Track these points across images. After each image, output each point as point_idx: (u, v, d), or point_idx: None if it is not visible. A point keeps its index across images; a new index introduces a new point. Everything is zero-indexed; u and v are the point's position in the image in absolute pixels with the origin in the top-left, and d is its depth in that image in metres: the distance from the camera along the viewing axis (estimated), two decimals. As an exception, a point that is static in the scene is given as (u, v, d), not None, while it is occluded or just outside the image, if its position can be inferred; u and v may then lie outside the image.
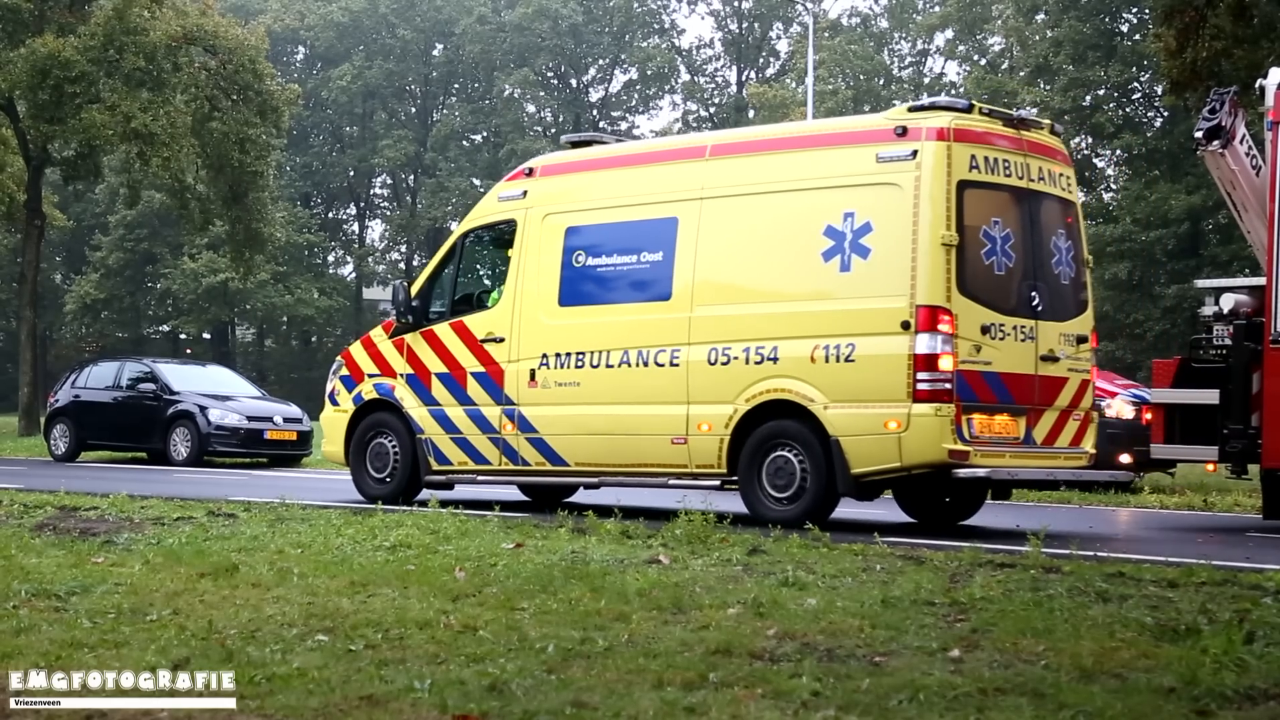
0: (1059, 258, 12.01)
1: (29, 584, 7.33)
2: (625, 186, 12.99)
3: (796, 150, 12.19)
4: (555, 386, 12.81)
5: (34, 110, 33.78)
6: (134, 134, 32.93)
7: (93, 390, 25.68)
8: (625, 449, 12.52)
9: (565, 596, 7.13)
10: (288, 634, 6.17)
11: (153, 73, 33.49)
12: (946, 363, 10.94)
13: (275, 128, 37.86)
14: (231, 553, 8.70)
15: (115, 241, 64.82)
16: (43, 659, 5.58)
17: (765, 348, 11.66)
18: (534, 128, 72.69)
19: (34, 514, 11.30)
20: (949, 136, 11.20)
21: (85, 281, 65.32)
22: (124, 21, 32.75)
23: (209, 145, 35.48)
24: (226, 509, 11.92)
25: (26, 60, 31.96)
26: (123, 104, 32.54)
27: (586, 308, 12.87)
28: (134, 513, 11.48)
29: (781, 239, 11.89)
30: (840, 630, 6.34)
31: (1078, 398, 12.05)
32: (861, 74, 58.68)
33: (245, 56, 35.47)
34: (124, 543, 9.30)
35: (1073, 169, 12.65)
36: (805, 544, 9.34)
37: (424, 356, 13.75)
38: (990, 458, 11.23)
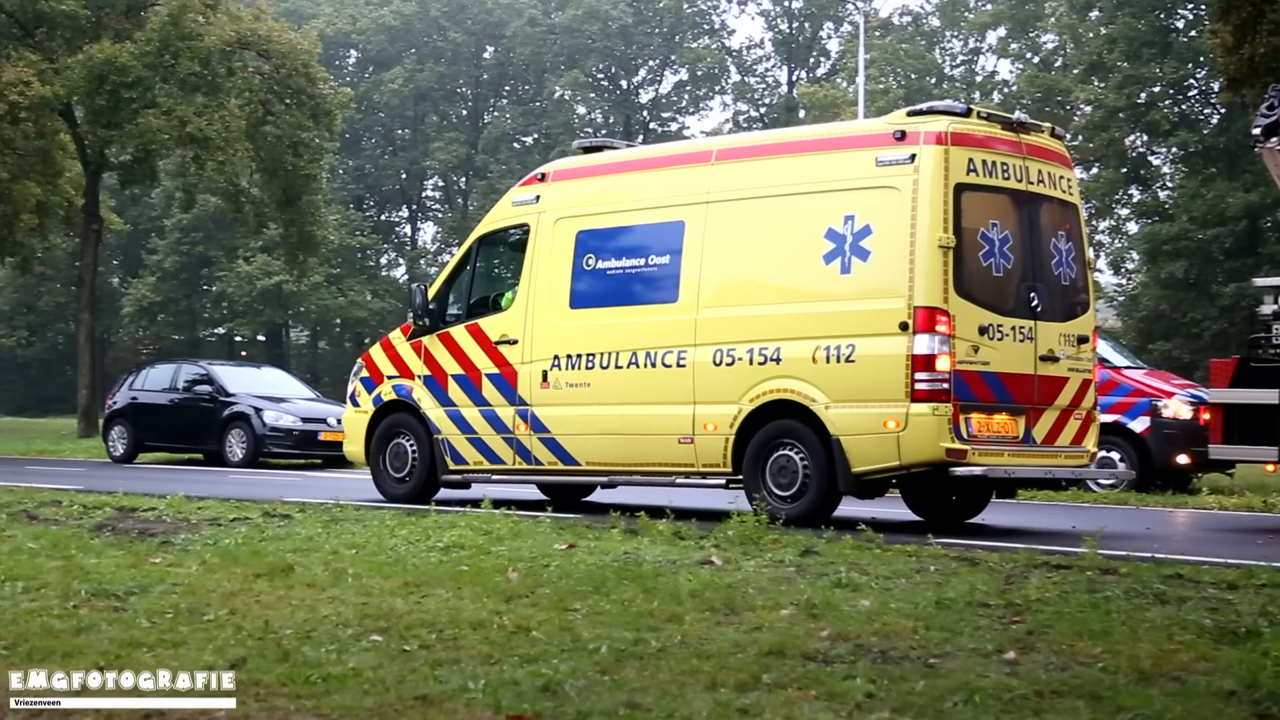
0: (1059, 259, 12.12)
1: (89, 584, 7.40)
2: (634, 191, 13.25)
3: (799, 155, 12.38)
4: (566, 387, 13.04)
5: (91, 115, 34.19)
6: (189, 138, 33.25)
7: (150, 392, 25.93)
8: (634, 448, 12.72)
9: (618, 597, 7.13)
10: (343, 634, 6.20)
11: (207, 77, 33.80)
12: (944, 363, 11.08)
13: (328, 131, 38.12)
14: (287, 553, 8.75)
15: (171, 245, 65.42)
16: (102, 658, 5.64)
17: (769, 349, 11.86)
18: (584, 129, 72.77)
19: (93, 515, 11.42)
20: (947, 140, 11.34)
21: (142, 284, 65.94)
22: (179, 27, 33.07)
23: (263, 149, 35.75)
24: (281, 510, 11.99)
25: (84, 66, 32.34)
26: (178, 109, 32.85)
27: (597, 310, 13.07)
28: (191, 514, 11.58)
29: (785, 242, 12.08)
30: (894, 632, 6.31)
31: (1079, 397, 12.14)
32: (913, 73, 58.39)
33: (298, 61, 35.73)
34: (181, 543, 9.38)
35: (1074, 172, 12.71)
36: (858, 545, 9.31)
37: (441, 358, 14.00)
38: (988, 456, 11.37)
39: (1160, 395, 17.89)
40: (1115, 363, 18.61)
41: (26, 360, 71.83)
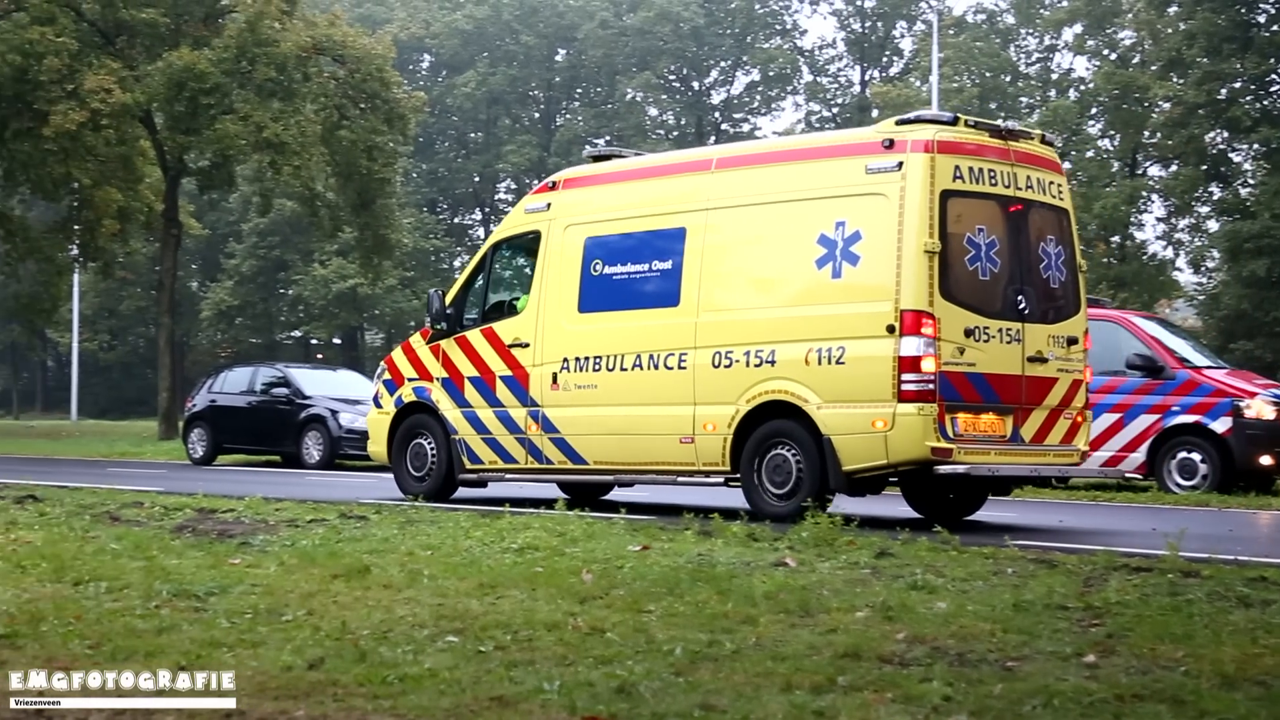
0: (1048, 263, 12.36)
1: (170, 584, 7.49)
2: (639, 198, 13.62)
3: (794, 163, 12.74)
4: (575, 389, 13.44)
5: (170, 122, 34.67)
6: (266, 143, 33.61)
7: (228, 395, 26.25)
8: (638, 448, 13.08)
9: (692, 599, 7.13)
10: (419, 635, 6.24)
11: (283, 83, 34.15)
12: (929, 364, 11.35)
13: (402, 135, 38.40)
14: (363, 554, 8.82)
15: (248, 249, 66.20)
16: (184, 658, 5.71)
17: (764, 351, 12.19)
18: (656, 131, 72.84)
19: (174, 516, 11.56)
20: (933, 148, 11.61)
21: (220, 288, 66.79)
22: (255, 34, 33.46)
23: (338, 153, 36.08)
24: (358, 511, 12.08)
25: (163, 73, 32.80)
26: (255, 114, 33.23)
27: (603, 314, 13.43)
28: (269, 515, 11.69)
29: (780, 247, 12.43)
30: (971, 634, 6.26)
31: (1069, 397, 12.35)
32: (987, 71, 57.86)
33: (372, 65, 36.03)
34: (260, 544, 9.48)
35: (1064, 177, 12.94)
36: (934, 547, 9.24)
37: (457, 361, 14.45)
38: (973, 455, 11.61)
39: (1242, 395, 17.61)
40: (1196, 363, 18.36)
41: (108, 363, 72.99)
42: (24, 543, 9.39)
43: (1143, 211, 52.57)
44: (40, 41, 32.37)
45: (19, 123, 34.41)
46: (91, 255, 40.11)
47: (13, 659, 5.74)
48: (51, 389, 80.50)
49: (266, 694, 5.21)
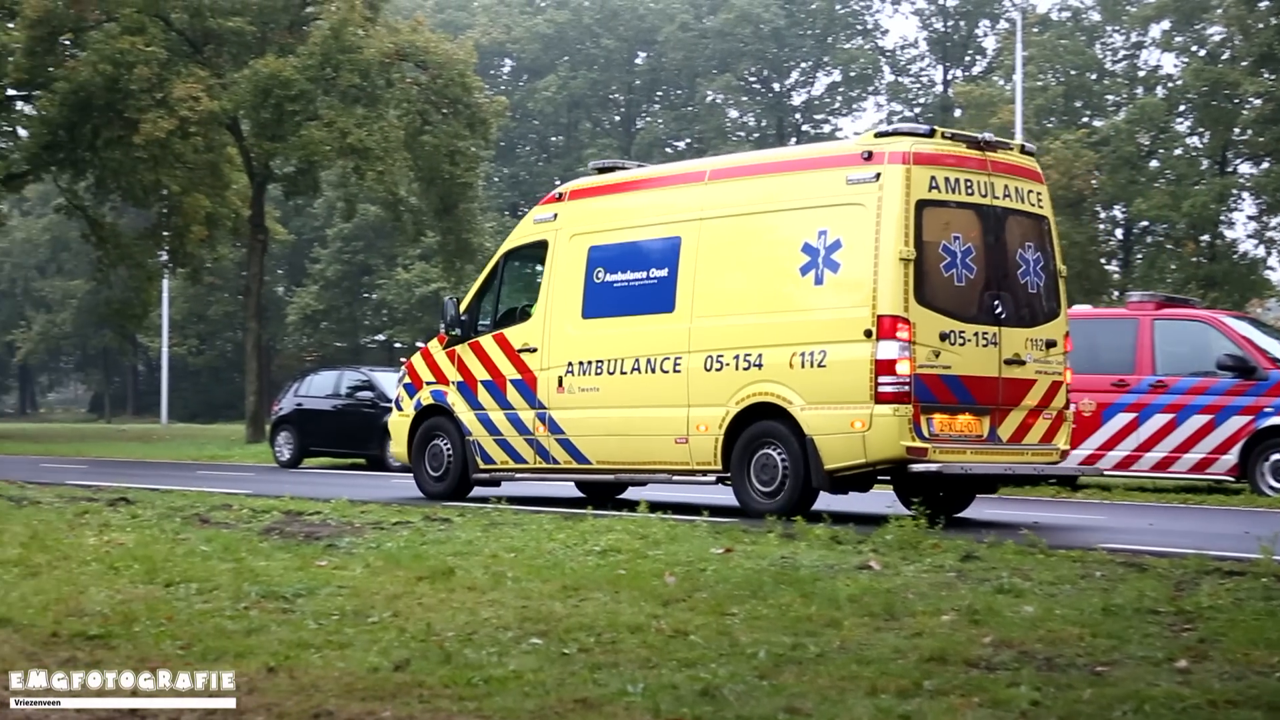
0: (1026, 269, 12.76)
1: (258, 585, 7.58)
2: (638, 208, 14.19)
3: (781, 174, 13.31)
4: (579, 391, 13.99)
5: (257, 129, 35.11)
6: (350, 149, 33.94)
7: (314, 399, 26.51)
8: (637, 448, 13.61)
9: (776, 602, 7.10)
10: (503, 637, 6.27)
11: (367, 89, 34.46)
12: (904, 367, 11.78)
13: (484, 139, 38.64)
14: (447, 557, 8.87)
15: (333, 254, 66.89)
16: (272, 658, 5.78)
17: (752, 354, 12.69)
18: (736, 133, 72.73)
19: (262, 518, 11.69)
20: (909, 160, 12.04)
21: (305, 293, 67.52)
22: (340, 40, 33.79)
23: (420, 158, 36.36)
24: (442, 514, 12.16)
25: (250, 81, 33.23)
26: (339, 120, 33.56)
27: (605, 319, 13.98)
28: (354, 517, 11.80)
29: (767, 255, 12.95)
30: (1059, 639, 6.19)
31: (1048, 398, 12.75)
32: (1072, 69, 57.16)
33: (455, 71, 36.28)
34: (346, 546, 9.56)
35: (1045, 186, 13.34)
36: (1020, 550, 9.14)
37: (472, 366, 15.05)
38: (948, 454, 12.03)
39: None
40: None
41: (197, 368, 74.05)
42: (117, 544, 9.55)
43: (1233, 210, 51.70)
44: (131, 51, 32.90)
45: (110, 131, 35.00)
46: (180, 261, 40.72)
47: (107, 659, 5.83)
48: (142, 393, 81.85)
49: (354, 695, 5.26)
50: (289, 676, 5.52)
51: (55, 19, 34.17)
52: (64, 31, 35.14)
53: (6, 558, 8.83)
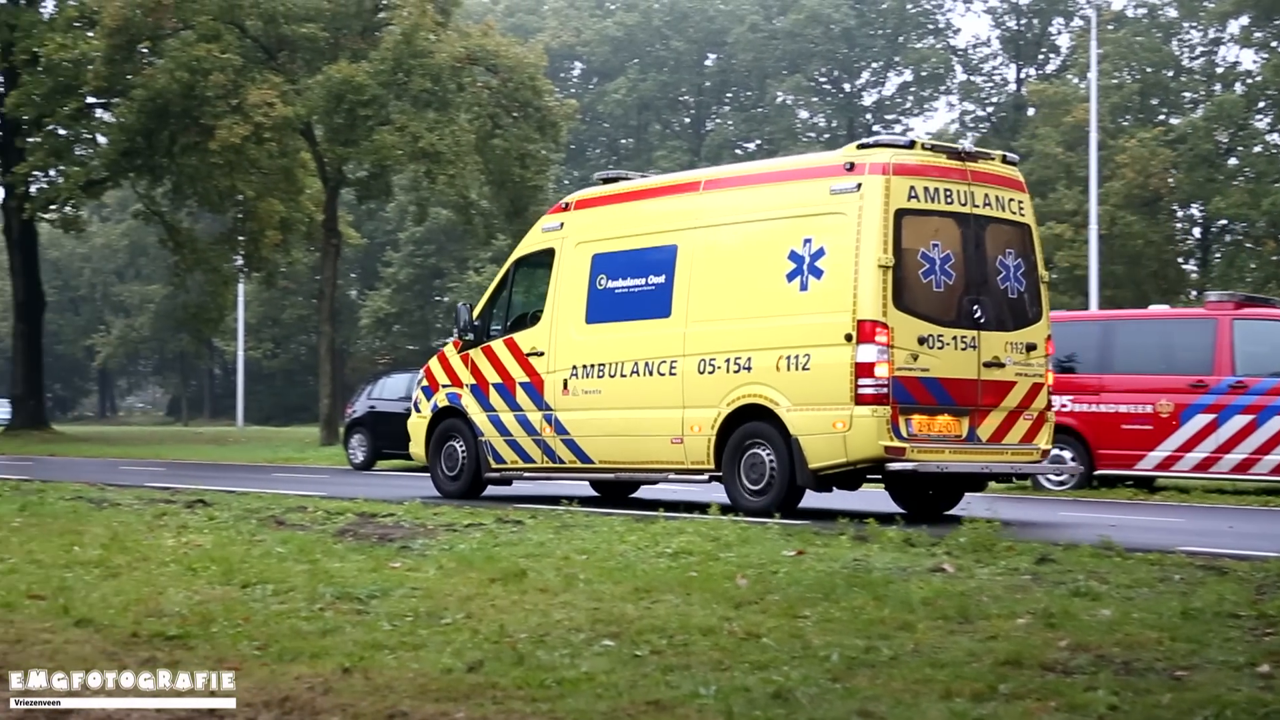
0: (1006, 274, 13.14)
1: (333, 587, 7.64)
2: (638, 217, 14.66)
3: (770, 184, 13.80)
4: (583, 394, 14.52)
5: (330, 134, 35.43)
6: (422, 153, 34.15)
7: (387, 401, 26.66)
8: (636, 448, 14.14)
9: (848, 604, 7.07)
10: (575, 639, 6.28)
11: (438, 93, 34.68)
12: (882, 370, 12.24)
13: (554, 142, 38.76)
14: (519, 558, 8.89)
15: (405, 257, 67.40)
16: (347, 659, 5.82)
17: (742, 358, 13.18)
18: (806, 134, 72.50)
19: (336, 520, 11.79)
20: (889, 171, 12.50)
21: (378, 296, 68.08)
22: (411, 45, 34.02)
23: (491, 161, 36.52)
24: (513, 516, 12.20)
25: (323, 87, 33.54)
26: (411, 124, 33.79)
27: (607, 325, 14.51)
28: (427, 519, 11.87)
29: (756, 262, 13.38)
30: (1137, 642, 6.11)
31: (1028, 399, 13.11)
32: (1148, 66, 56.52)
33: (525, 74, 36.42)
34: (419, 548, 9.62)
35: (1027, 194, 13.74)
36: (1096, 553, 9.04)
37: (484, 369, 15.61)
38: (927, 454, 12.46)
39: None
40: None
41: (272, 371, 74.88)
42: (195, 546, 9.66)
43: (1314, 207, 50.86)
44: (206, 58, 33.31)
45: (187, 137, 35.47)
46: (255, 265, 41.17)
47: (185, 659, 5.90)
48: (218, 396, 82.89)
49: (427, 696, 5.28)
50: (364, 677, 5.56)
51: (133, 28, 34.64)
52: (142, 40, 35.64)
53: (88, 559, 8.96)
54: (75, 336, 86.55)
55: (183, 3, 34.00)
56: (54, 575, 8.24)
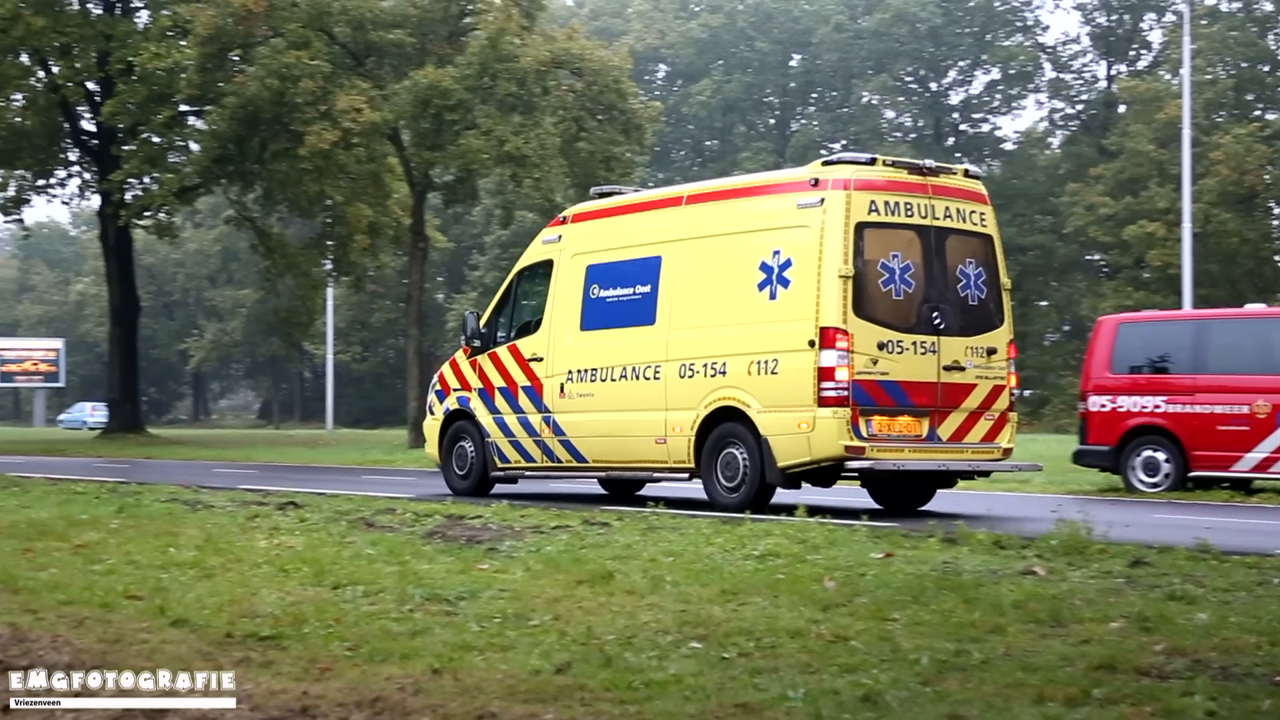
0: (967, 283, 13.83)
1: (422, 588, 7.71)
2: (627, 230, 15.52)
3: (744, 198, 14.54)
4: (577, 397, 15.37)
5: (417, 139, 35.72)
6: (507, 157, 34.32)
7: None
8: (624, 448, 14.96)
9: (937, 607, 7.01)
10: (663, 641, 6.28)
11: (523, 97, 34.82)
12: (843, 374, 13.00)
13: (639, 145, 38.78)
14: (606, 560, 8.91)
15: (491, 260, 67.81)
16: (436, 660, 5.86)
17: (718, 363, 13.99)
18: (892, 134, 72.03)
19: (424, 522, 11.88)
20: (850, 186, 13.26)
21: (465, 299, 68.53)
22: (497, 50, 34.21)
23: (576, 165, 36.62)
24: (600, 518, 12.23)
25: (410, 92, 33.82)
26: (496, 129, 33.96)
27: (599, 331, 15.33)
28: (514, 521, 11.93)
29: (731, 272, 14.11)
30: (1235, 647, 6.00)
31: (989, 400, 13.79)
32: (1243, 61, 55.54)
33: (610, 77, 36.48)
34: (506, 550, 9.67)
35: (989, 206, 14.31)
36: (1192, 555, 8.90)
37: (490, 374, 16.49)
38: (886, 453, 13.21)
39: None
40: None
41: (361, 374, 75.67)
42: (286, 547, 9.78)
43: None
44: (296, 65, 33.71)
45: (277, 144, 35.92)
46: (344, 270, 41.61)
47: (278, 659, 5.98)
48: (308, 399, 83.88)
49: (516, 697, 5.31)
50: (453, 678, 5.60)
51: (225, 36, 35.15)
52: (233, 48, 36.14)
53: (183, 560, 9.11)
54: (169, 341, 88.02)
55: (273, 11, 34.45)
56: (150, 576, 8.39)
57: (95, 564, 9.04)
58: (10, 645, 6.16)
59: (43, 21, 38.39)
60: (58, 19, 39.61)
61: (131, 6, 43.39)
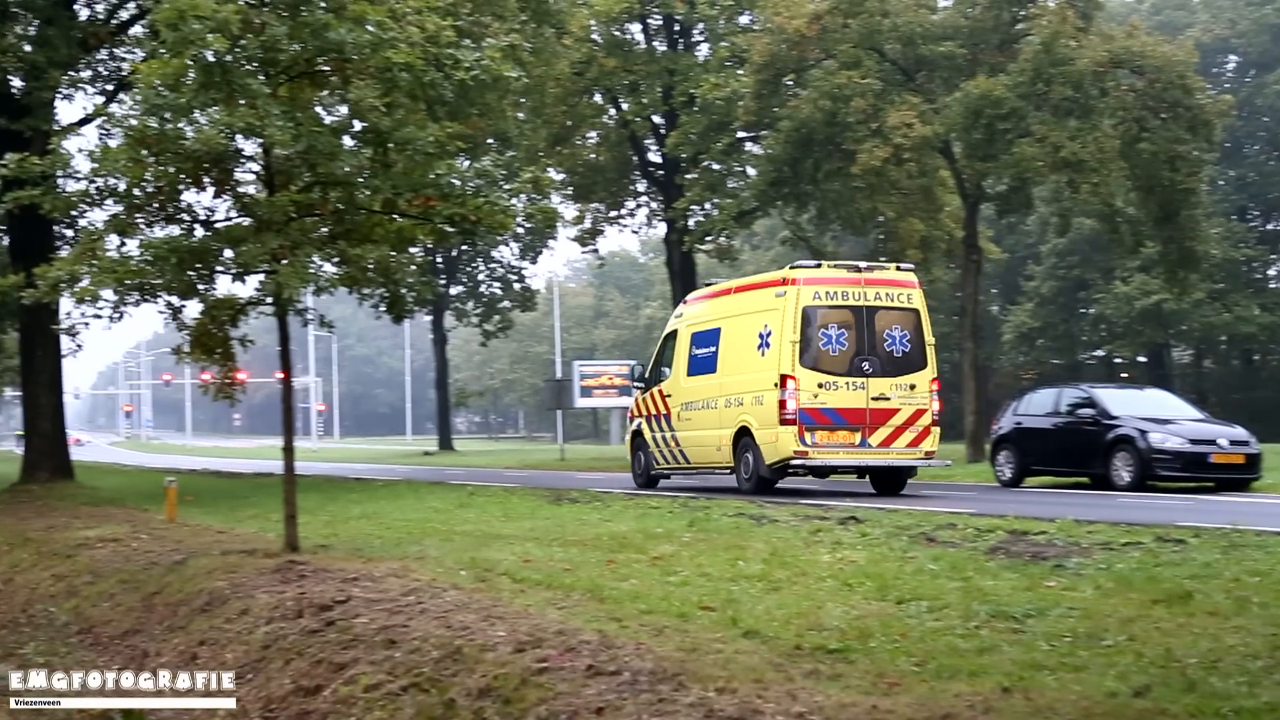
0: (892, 342, 20.92)
1: (987, 605, 7.59)
2: (709, 310, 23.74)
3: (755, 290, 22.45)
4: (684, 421, 23.43)
5: (968, 150, 35.37)
6: (1063, 163, 33.36)
7: (1033, 417, 26.19)
8: (704, 454, 22.75)
9: None
10: (1252, 666, 5.88)
11: (1080, 100, 33.74)
12: (791, 404, 20.37)
13: (1206, 142, 36.61)
14: (1183, 579, 8.46)
15: (1047, 270, 66.02)
16: (1006, 678, 5.75)
17: (739, 398, 21.69)
18: None
19: (986, 538, 11.72)
20: (800, 282, 20.81)
21: (1020, 311, 67.12)
22: (1051, 54, 33.35)
23: (1137, 166, 35.05)
24: (1174, 535, 11.63)
25: (961, 103, 33.56)
26: (1051, 134, 33.09)
27: (694, 377, 23.31)
28: (1081, 537, 11.55)
29: (746, 338, 21.78)
30: None
31: (911, 419, 20.91)
32: None
33: (1173, 73, 34.70)
34: (1073, 567, 9.37)
35: (916, 289, 21.32)
36: None
37: (648, 406, 24.82)
38: (825, 454, 20.59)
39: None
40: None
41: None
42: (849, 562, 9.91)
43: None
44: (847, 85, 34.25)
45: (830, 163, 36.55)
46: (899, 285, 41.73)
47: (846, 672, 6.05)
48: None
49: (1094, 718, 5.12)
50: (1024, 698, 5.47)
51: (779, 62, 36.20)
52: (787, 73, 37.14)
53: (751, 573, 9.41)
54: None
55: (825, 34, 35.15)
56: (721, 588, 8.72)
57: (671, 575, 9.50)
58: (599, 651, 6.57)
59: (614, 62, 41.20)
60: (627, 58, 42.31)
61: (692, 41, 45.57)
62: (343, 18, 11.91)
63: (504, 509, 17.96)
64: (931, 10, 36.65)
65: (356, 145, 12.56)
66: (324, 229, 12.63)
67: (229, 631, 9.11)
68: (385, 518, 17.16)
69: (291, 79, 12.35)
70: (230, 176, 12.31)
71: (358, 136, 12.62)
